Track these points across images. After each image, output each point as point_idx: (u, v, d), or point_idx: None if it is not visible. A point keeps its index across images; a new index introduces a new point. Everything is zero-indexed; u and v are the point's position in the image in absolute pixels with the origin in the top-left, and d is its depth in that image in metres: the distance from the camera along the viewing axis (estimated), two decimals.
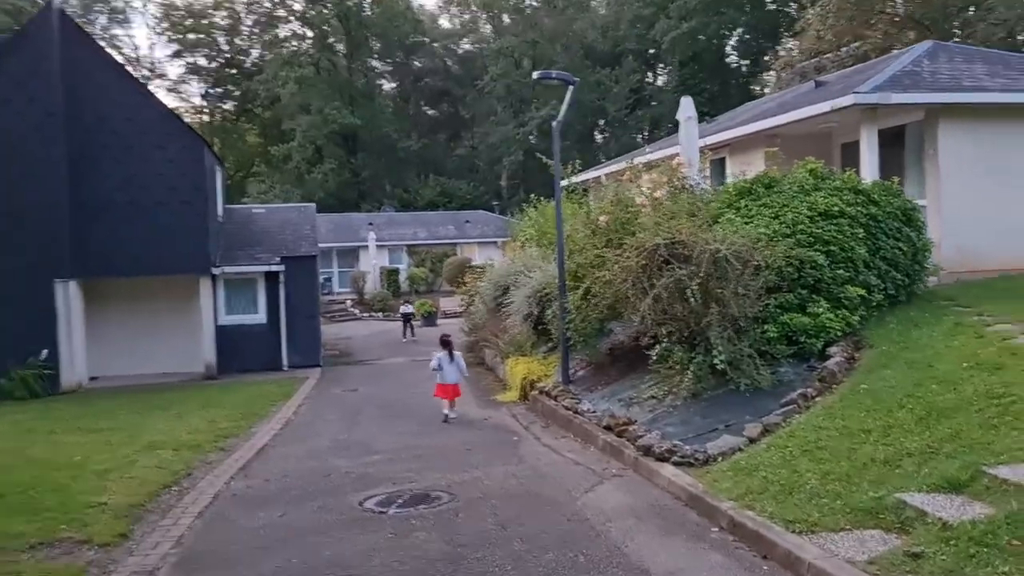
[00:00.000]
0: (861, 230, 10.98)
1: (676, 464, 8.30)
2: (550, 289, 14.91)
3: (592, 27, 67.97)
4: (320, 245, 36.50)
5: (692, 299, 9.51)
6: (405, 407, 14.98)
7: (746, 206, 11.88)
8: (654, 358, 11.44)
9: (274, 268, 22.77)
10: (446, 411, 13.23)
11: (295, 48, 70.01)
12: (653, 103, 67.40)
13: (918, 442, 7.19)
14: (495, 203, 61.16)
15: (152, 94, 23.40)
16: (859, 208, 11.19)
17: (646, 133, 65.59)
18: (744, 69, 70.13)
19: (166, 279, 22.12)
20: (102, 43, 34.26)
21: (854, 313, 10.47)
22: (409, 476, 9.46)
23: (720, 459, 8.27)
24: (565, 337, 13.37)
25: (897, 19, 33.52)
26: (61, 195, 20.38)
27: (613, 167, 21.68)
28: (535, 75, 14.83)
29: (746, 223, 11.14)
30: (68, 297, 20.46)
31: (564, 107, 14.16)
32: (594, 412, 11.13)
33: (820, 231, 10.83)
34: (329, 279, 44.25)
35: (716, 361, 9.57)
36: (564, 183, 27.20)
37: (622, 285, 10.08)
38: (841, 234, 10.82)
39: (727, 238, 9.85)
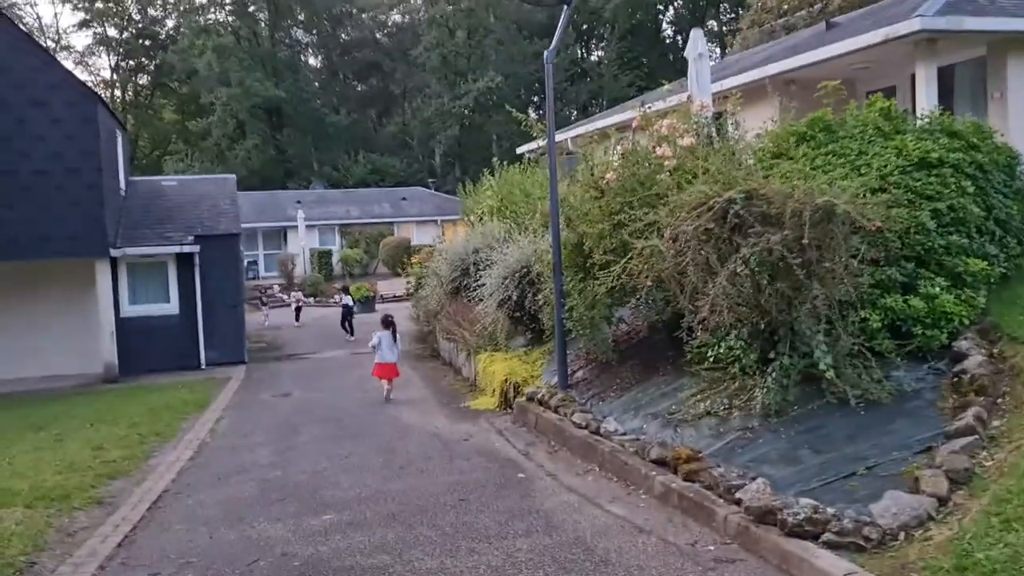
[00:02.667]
0: (969, 183, 8.27)
1: (829, 546, 5.20)
2: (537, 267, 11.95)
3: None
4: (244, 226, 32.76)
5: (788, 276, 6.61)
6: (355, 421, 11.83)
7: (805, 155, 9.08)
8: (691, 355, 8.63)
9: (187, 249, 19.22)
10: (386, 393, 13.29)
11: (212, 17, 65.31)
12: (588, 78, 64.69)
13: None
14: (430, 180, 57.86)
15: (30, 37, 19.45)
16: (961, 155, 8.47)
17: (576, 110, 62.83)
18: (680, 42, 68.29)
19: (54, 264, 18.40)
20: None
21: (977, 294, 7.75)
22: (387, 567, 6.02)
23: (903, 537, 5.19)
24: (561, 328, 10.44)
25: None
26: None
27: (600, 123, 18.69)
28: None
29: (811, 175, 8.31)
30: None
31: (558, 32, 11.16)
32: (622, 434, 8.21)
33: (919, 184, 8.09)
34: (255, 262, 40.45)
35: (822, 364, 6.70)
36: (528, 148, 24.35)
37: (678, 259, 7.11)
38: (946, 188, 8.09)
39: (825, 191, 6.97)
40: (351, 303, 24.52)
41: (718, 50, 59.80)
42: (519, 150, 23.84)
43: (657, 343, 10.31)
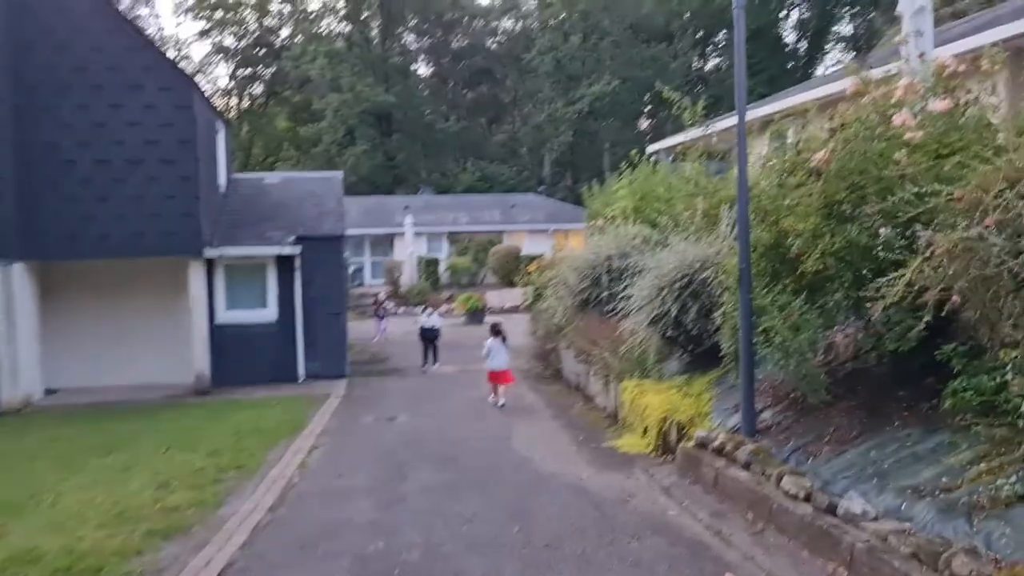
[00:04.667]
0: None
1: None
2: (706, 276, 9.50)
3: None
4: (351, 231, 31.35)
5: None
6: (475, 461, 9.56)
7: None
8: (952, 399, 6.02)
9: (288, 251, 17.48)
10: (499, 398, 13.42)
11: (326, 24, 65.24)
12: (706, 84, 61.40)
13: None
14: (540, 188, 55.74)
15: (123, 16, 18.08)
16: None
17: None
18: (801, 52, 64.51)
19: (146, 263, 16.94)
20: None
21: None
22: None
23: None
24: (749, 356, 7.93)
25: None
26: (2, 151, 15.26)
27: (784, 103, 15.73)
28: None
29: None
30: (11, 285, 15.32)
31: None
32: (872, 517, 5.63)
33: None
34: (360, 269, 39.08)
35: None
36: (665, 144, 21.78)
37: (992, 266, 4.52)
38: None
39: None
40: (436, 325, 19.04)
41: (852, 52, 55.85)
42: (651, 148, 21.29)
43: (879, 378, 7.71)
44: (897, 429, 6.86)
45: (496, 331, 14.03)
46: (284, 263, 17.60)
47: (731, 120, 17.63)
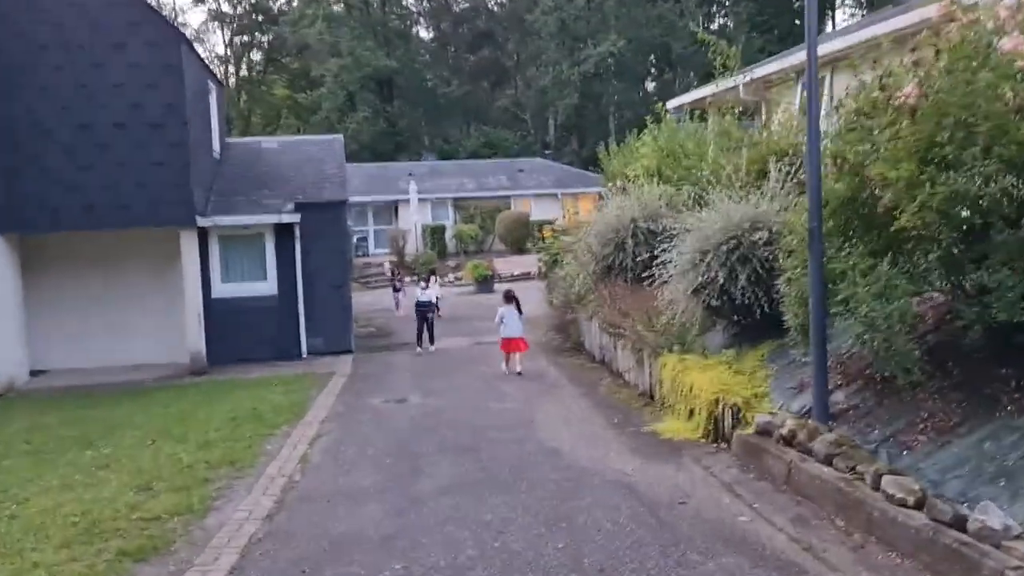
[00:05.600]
0: None
1: None
2: (750, 236, 8.37)
3: None
4: (353, 199, 30.02)
5: None
6: (499, 451, 8.42)
7: None
8: None
9: (287, 218, 16.30)
10: (513, 366, 13.07)
11: None
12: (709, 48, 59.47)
13: None
14: (547, 153, 54.28)
15: None
16: None
17: (698, 79, 57.98)
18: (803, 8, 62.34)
19: (136, 235, 15.78)
20: None
21: None
22: None
23: None
24: (822, 325, 6.79)
25: None
26: None
27: (851, 38, 13.92)
28: None
29: None
30: None
31: None
32: (1014, 531, 4.51)
33: None
34: (364, 238, 37.84)
35: None
36: (690, 97, 20.42)
37: None
38: None
39: None
40: (434, 297, 17.36)
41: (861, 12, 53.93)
42: (672, 103, 19.96)
43: (972, 353, 6.57)
44: (1011, 416, 5.74)
45: (509, 298, 13.76)
46: (283, 232, 16.43)
47: (770, 67, 16.27)
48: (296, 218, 16.28)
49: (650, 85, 65.21)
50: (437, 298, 17.22)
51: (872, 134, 6.45)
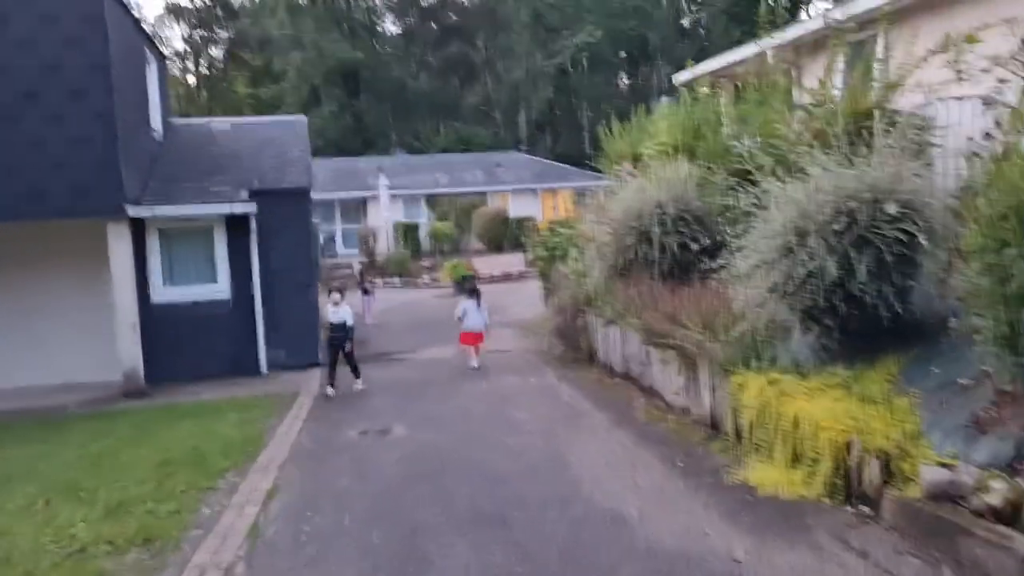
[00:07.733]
0: None
1: None
2: (872, 211, 6.00)
3: None
4: (320, 196, 27.35)
5: None
6: (540, 517, 5.95)
7: None
8: None
9: (241, 209, 13.67)
10: (472, 362, 12.76)
11: None
12: (687, 40, 57.68)
13: None
14: (522, 149, 51.92)
15: None
16: None
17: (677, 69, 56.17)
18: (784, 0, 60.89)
19: (56, 228, 13.09)
20: None
21: None
22: None
23: None
24: None
25: None
26: None
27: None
28: None
29: None
30: None
31: None
32: None
33: None
34: (332, 237, 35.15)
35: None
36: (721, 63, 17.91)
37: None
38: None
39: None
40: (348, 320, 11.65)
41: None
42: (679, 77, 17.60)
43: None
44: None
45: (472, 291, 13.72)
46: (237, 225, 13.82)
47: (809, 26, 13.74)
48: (252, 208, 13.67)
49: (626, 80, 63.25)
50: (347, 321, 11.61)
51: None
